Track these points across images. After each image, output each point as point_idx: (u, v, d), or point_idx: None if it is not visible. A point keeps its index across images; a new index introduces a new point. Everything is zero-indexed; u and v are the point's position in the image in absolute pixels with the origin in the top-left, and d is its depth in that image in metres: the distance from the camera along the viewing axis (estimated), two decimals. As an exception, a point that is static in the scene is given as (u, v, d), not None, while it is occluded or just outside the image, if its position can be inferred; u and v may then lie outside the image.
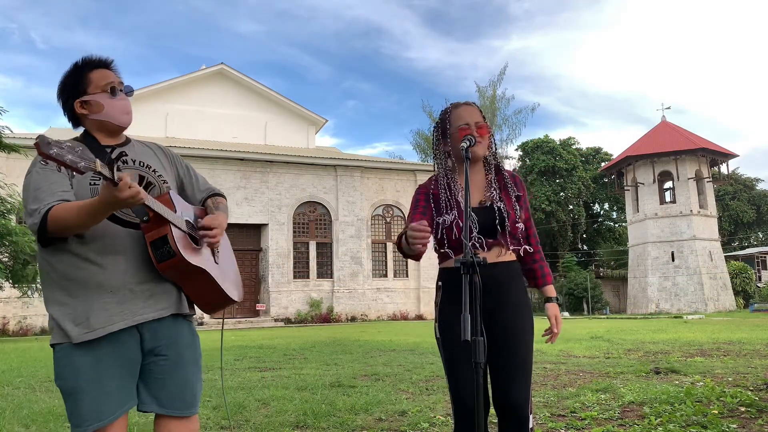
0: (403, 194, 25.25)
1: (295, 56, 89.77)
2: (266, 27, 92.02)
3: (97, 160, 1.50)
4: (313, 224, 23.79)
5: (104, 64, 1.95)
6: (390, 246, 24.81)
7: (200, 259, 1.85)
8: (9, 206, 14.21)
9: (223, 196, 2.20)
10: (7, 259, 14.02)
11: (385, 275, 24.63)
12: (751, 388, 4.90)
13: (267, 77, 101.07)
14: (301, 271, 23.26)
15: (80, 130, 1.97)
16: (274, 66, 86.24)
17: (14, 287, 15.06)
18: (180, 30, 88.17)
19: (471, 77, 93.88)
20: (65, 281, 1.77)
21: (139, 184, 1.86)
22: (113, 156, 1.73)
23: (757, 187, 48.46)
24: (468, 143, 2.04)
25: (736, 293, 31.12)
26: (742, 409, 4.13)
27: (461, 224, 2.10)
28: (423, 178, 25.64)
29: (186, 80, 26.31)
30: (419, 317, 23.91)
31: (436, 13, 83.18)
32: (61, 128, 28.37)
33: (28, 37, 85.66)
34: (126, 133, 2.03)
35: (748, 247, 45.82)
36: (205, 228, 1.90)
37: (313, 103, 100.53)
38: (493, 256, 2.08)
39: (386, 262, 24.73)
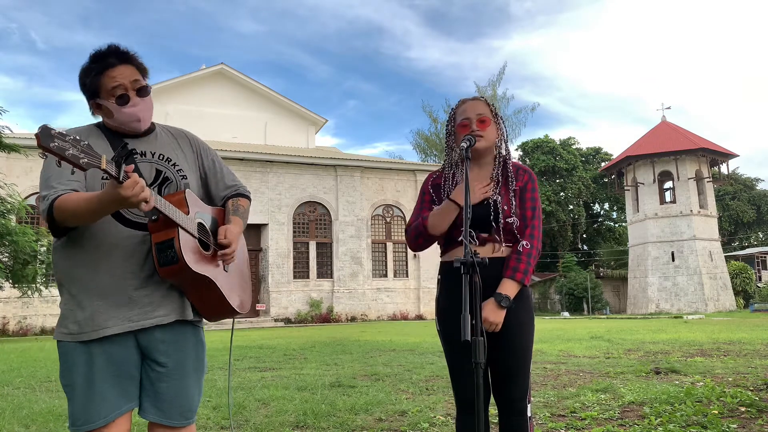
0: (403, 194, 25.25)
1: (295, 56, 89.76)
2: (266, 27, 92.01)
3: (104, 157, 1.41)
4: (313, 224, 23.79)
5: (119, 61, 1.73)
6: (390, 246, 24.81)
7: (206, 266, 1.72)
8: (9, 206, 14.21)
9: (246, 196, 2.06)
10: (7, 259, 14.02)
11: (385, 275, 24.62)
12: (751, 388, 4.90)
13: (267, 77, 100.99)
14: (301, 271, 23.25)
15: (99, 118, 1.83)
16: (274, 66, 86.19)
17: (14, 287, 15.05)
18: (180, 30, 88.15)
19: (471, 77, 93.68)
20: (68, 279, 1.71)
21: (156, 179, 1.77)
22: (123, 152, 1.52)
23: (757, 187, 48.49)
24: (468, 143, 2.02)
25: (736, 293, 31.12)
26: (742, 409, 4.13)
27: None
28: (423, 178, 25.60)
29: (186, 80, 26.32)
30: (419, 317, 23.90)
31: (437, 13, 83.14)
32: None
33: (28, 37, 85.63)
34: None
35: (748, 247, 45.82)
36: (221, 245, 1.76)
37: (314, 103, 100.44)
38: (487, 251, 2.05)
39: (386, 262, 24.73)
